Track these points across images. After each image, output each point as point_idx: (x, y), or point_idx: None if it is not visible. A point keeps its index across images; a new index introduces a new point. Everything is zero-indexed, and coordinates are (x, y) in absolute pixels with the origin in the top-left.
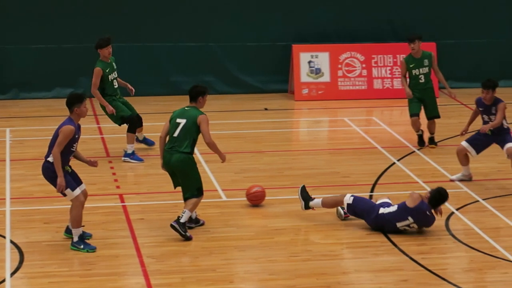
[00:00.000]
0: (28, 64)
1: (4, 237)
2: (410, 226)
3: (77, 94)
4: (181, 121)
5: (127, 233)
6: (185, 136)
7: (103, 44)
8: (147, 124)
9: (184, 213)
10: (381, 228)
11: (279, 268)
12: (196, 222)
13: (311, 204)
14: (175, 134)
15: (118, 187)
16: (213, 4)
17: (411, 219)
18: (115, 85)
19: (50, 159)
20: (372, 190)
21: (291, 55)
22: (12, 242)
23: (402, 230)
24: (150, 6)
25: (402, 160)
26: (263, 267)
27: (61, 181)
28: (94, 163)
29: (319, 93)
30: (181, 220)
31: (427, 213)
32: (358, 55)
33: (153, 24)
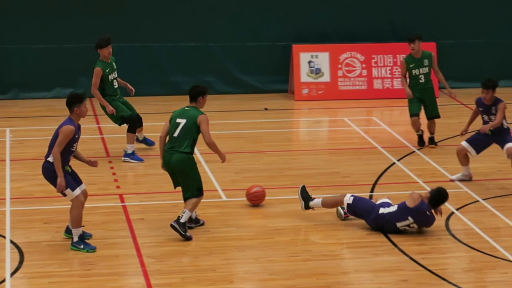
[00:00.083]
0: (28, 64)
1: (4, 237)
2: (410, 226)
3: (77, 94)
4: (181, 121)
5: (127, 233)
6: (185, 136)
7: (103, 44)
8: (147, 124)
9: (184, 213)
10: (381, 228)
11: (279, 268)
12: (196, 222)
13: (311, 204)
14: (175, 134)
15: (118, 187)
16: (213, 4)
17: (411, 219)
18: (115, 85)
19: (50, 159)
20: (372, 190)
21: (291, 55)
22: (12, 242)
23: (402, 230)
24: (150, 6)
25: (402, 160)
26: (263, 267)
27: (61, 181)
28: (94, 163)
29: (319, 93)
30: (181, 220)
31: (427, 213)
32: (358, 55)
33: (153, 24)
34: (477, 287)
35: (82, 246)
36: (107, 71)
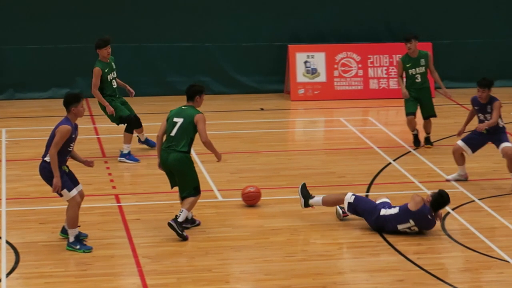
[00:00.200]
0: (24, 64)
1: (0, 238)
2: (411, 229)
3: (75, 94)
4: (178, 120)
5: (123, 234)
6: (182, 135)
7: (102, 45)
8: (143, 124)
9: (182, 212)
10: (381, 229)
11: (275, 268)
12: (192, 223)
13: (311, 202)
14: (172, 133)
15: (114, 187)
16: (209, 4)
17: (412, 222)
18: (114, 85)
19: (47, 159)
20: (368, 190)
21: (287, 55)
22: (8, 243)
23: (402, 232)
24: (146, 7)
25: (398, 160)
26: (259, 267)
27: (57, 182)
28: (90, 163)
29: (315, 93)
30: (179, 219)
31: (429, 217)
32: (354, 55)
33: (149, 25)
34: (473, 287)
35: (78, 247)
36: (106, 71)
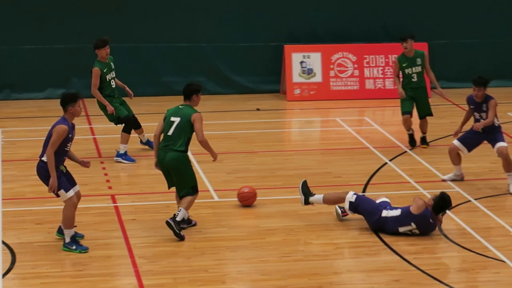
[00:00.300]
0: (20, 65)
1: None
2: (412, 231)
3: (71, 94)
4: (175, 120)
5: (119, 234)
6: (180, 135)
7: (101, 45)
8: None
9: (180, 211)
10: (381, 230)
11: (271, 269)
12: (188, 223)
13: (311, 200)
14: (170, 133)
15: (110, 188)
16: (205, 5)
17: (414, 225)
18: (113, 85)
19: (45, 159)
20: (364, 190)
21: (283, 56)
22: (4, 243)
23: (403, 234)
24: (142, 7)
25: (394, 160)
26: (255, 268)
27: (53, 182)
28: (87, 164)
29: (311, 94)
30: (177, 218)
31: (430, 221)
32: (350, 55)
33: (145, 25)
34: (469, 287)
35: (74, 247)
36: (105, 71)
